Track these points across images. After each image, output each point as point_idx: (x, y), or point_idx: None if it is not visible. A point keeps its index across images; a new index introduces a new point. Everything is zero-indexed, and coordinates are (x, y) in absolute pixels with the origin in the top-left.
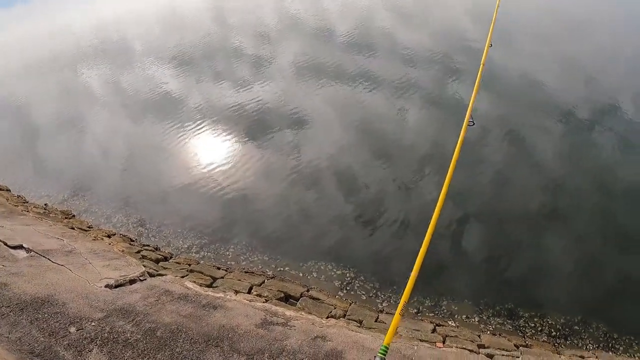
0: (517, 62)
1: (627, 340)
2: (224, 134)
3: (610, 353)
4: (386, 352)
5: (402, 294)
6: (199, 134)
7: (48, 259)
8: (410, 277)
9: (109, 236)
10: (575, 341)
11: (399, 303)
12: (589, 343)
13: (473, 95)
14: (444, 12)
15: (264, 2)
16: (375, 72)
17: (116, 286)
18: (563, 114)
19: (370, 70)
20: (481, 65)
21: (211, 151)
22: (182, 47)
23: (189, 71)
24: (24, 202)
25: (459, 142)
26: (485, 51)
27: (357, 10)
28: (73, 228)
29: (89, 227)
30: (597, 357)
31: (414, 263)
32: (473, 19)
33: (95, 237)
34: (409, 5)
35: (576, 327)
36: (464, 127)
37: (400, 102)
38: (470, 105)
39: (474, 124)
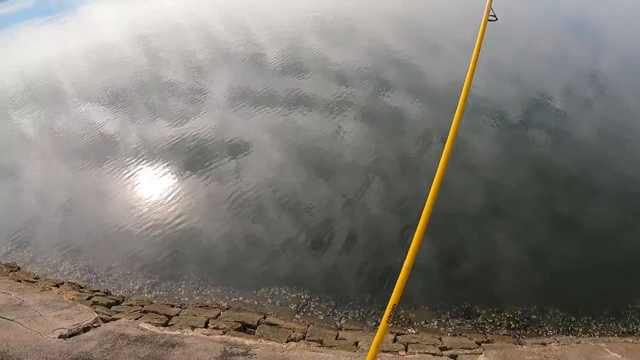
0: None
1: (585, 321)
2: (164, 169)
3: (571, 336)
4: None
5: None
6: (138, 172)
7: None
8: (399, 279)
9: (57, 285)
10: (535, 329)
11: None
12: (549, 329)
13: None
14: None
15: (189, 35)
16: (310, 92)
17: (70, 336)
18: (492, 115)
19: (305, 91)
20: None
21: (152, 188)
22: (112, 86)
23: (121, 109)
24: None
25: (478, 39)
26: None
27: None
28: (20, 281)
29: (36, 279)
30: (558, 342)
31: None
32: None
33: (43, 287)
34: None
35: (534, 316)
36: (483, 22)
37: (336, 121)
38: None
39: (496, 18)
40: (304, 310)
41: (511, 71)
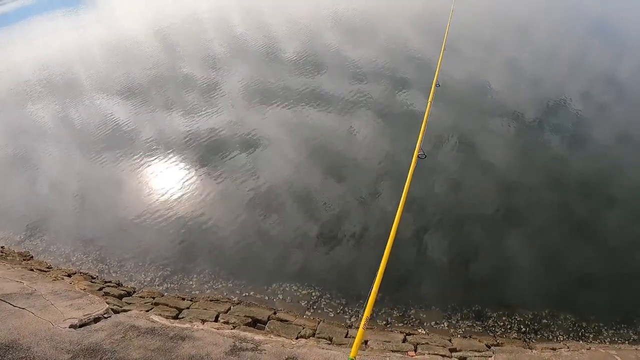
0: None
1: (596, 328)
2: (178, 162)
3: (581, 342)
4: None
5: (365, 306)
6: (152, 165)
7: (9, 303)
8: (372, 291)
9: (69, 275)
10: (546, 334)
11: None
12: (559, 334)
13: (421, 133)
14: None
15: (206, 27)
16: (325, 91)
17: (81, 326)
18: (509, 118)
19: (320, 90)
20: (429, 103)
21: (166, 181)
22: (129, 78)
23: (138, 102)
24: None
25: (409, 175)
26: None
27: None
28: (32, 269)
29: (48, 268)
30: (568, 347)
31: (376, 276)
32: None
33: (55, 277)
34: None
35: (545, 321)
36: (414, 159)
37: (352, 119)
38: (419, 140)
39: (425, 156)
40: (315, 307)
41: (531, 73)
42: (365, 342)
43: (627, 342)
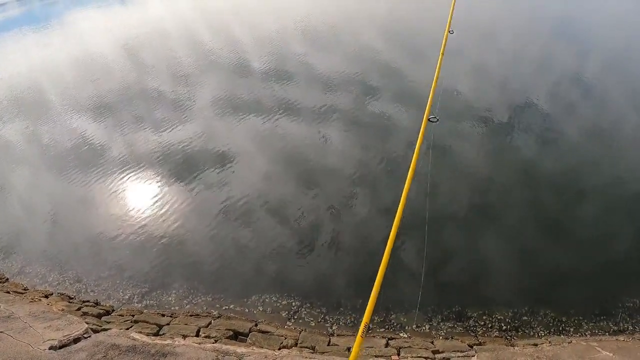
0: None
1: (575, 322)
2: (150, 178)
3: (562, 336)
4: None
5: (364, 314)
6: (124, 181)
7: None
8: (370, 298)
9: (46, 296)
10: (527, 331)
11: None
12: (540, 330)
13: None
14: None
15: (174, 41)
16: (294, 100)
17: (61, 347)
18: (480, 119)
19: (290, 98)
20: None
21: (140, 197)
22: (98, 95)
23: (108, 119)
24: None
25: (418, 140)
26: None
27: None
28: (8, 292)
29: (24, 290)
30: (549, 342)
31: (371, 283)
32: None
33: (32, 299)
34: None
35: (525, 318)
36: (423, 124)
37: (322, 128)
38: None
39: (437, 120)
40: (296, 317)
41: (497, 74)
42: (348, 348)
43: (607, 333)
